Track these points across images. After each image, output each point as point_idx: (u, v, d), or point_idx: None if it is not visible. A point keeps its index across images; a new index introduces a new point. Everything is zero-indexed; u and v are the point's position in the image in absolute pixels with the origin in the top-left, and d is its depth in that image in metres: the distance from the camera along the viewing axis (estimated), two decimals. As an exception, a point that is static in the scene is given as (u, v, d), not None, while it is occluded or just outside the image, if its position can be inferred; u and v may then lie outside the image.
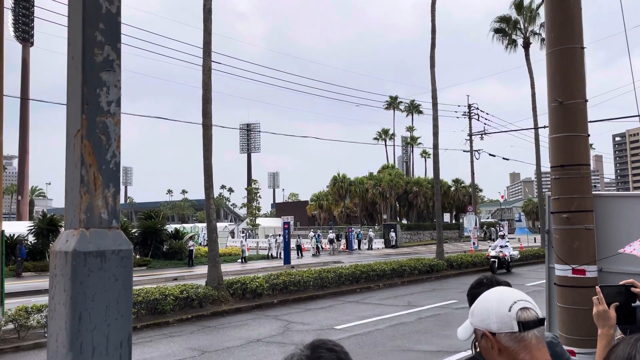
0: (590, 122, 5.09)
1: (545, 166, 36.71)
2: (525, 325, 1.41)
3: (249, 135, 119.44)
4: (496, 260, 22.36)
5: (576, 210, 4.66)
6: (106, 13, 1.44)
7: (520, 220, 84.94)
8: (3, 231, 11.42)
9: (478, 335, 1.53)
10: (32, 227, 29.25)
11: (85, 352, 1.32)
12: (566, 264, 4.72)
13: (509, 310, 1.44)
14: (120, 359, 1.38)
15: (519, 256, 24.56)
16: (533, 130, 33.70)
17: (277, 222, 61.70)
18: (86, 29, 1.41)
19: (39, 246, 28.31)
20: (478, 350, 2.23)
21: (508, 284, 2.12)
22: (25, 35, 67.25)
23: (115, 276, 1.39)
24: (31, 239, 28.77)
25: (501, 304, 1.46)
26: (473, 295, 2.15)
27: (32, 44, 68.85)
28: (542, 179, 38.33)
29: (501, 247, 22.90)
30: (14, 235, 26.73)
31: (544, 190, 40.00)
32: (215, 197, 15.91)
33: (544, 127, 30.28)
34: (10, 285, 17.98)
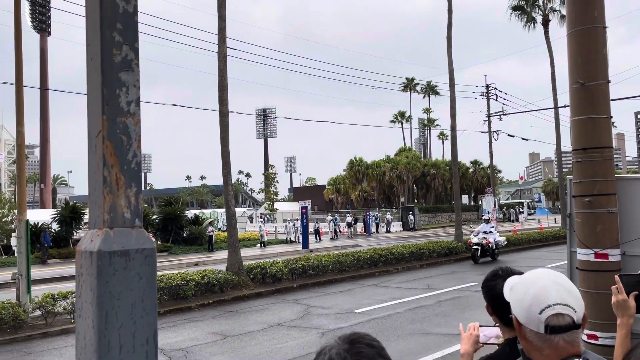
0: (612, 100, 4.98)
1: (566, 145, 36.14)
2: (553, 330, 1.33)
3: (265, 120, 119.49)
4: (479, 247, 19.80)
5: (598, 193, 4.59)
6: (123, 13, 1.44)
7: (540, 201, 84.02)
8: (28, 220, 11.66)
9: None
10: (56, 215, 29.84)
11: (112, 350, 1.35)
12: (588, 248, 4.66)
13: (540, 313, 1.35)
14: (147, 355, 1.40)
15: (505, 242, 21.63)
16: (553, 110, 33.12)
17: (294, 207, 61.98)
18: (104, 30, 1.41)
19: (62, 233, 28.90)
20: (502, 342, 2.21)
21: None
22: (42, 25, 67.88)
23: (140, 275, 1.41)
24: (55, 226, 29.36)
25: (534, 304, 1.36)
26: (489, 287, 2.11)
27: (49, 33, 69.50)
28: (563, 159, 37.75)
29: (485, 232, 20.22)
30: (38, 223, 27.31)
31: (564, 170, 39.37)
32: (233, 182, 16.02)
33: (564, 106, 29.73)
34: (35, 272, 18.42)
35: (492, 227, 20.76)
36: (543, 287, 1.38)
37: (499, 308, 2.05)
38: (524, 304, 1.38)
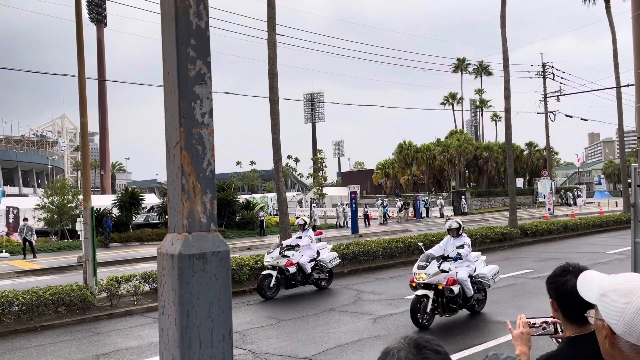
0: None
1: (629, 126, 34.32)
2: None
3: (312, 105, 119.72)
4: (272, 274, 12.04)
5: (666, 182, 4.40)
6: (196, 29, 1.52)
7: (600, 184, 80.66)
8: (93, 207, 12.29)
9: (596, 314, 1.42)
10: (116, 201, 31.23)
11: (193, 345, 1.46)
12: (654, 239, 4.49)
13: None
14: (224, 351, 1.51)
15: (337, 261, 13.31)
16: (615, 89, 31.53)
17: (343, 191, 62.11)
18: (179, 46, 1.50)
19: (122, 218, 30.26)
20: (560, 340, 2.19)
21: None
22: (98, 16, 70.34)
23: (216, 276, 1.51)
24: (115, 211, 30.76)
25: (639, 317, 1.28)
26: (559, 283, 2.07)
27: (105, 24, 71.98)
28: (625, 139, 35.98)
29: (288, 247, 12.48)
30: (100, 208, 28.68)
31: (626, 150, 37.48)
32: (282, 168, 16.25)
33: (627, 85, 28.26)
34: (99, 255, 19.37)
35: (300, 237, 12.87)
36: None
37: (567, 305, 2.01)
38: (626, 315, 1.30)
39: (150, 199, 42.29)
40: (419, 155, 64.16)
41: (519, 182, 58.63)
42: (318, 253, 12.96)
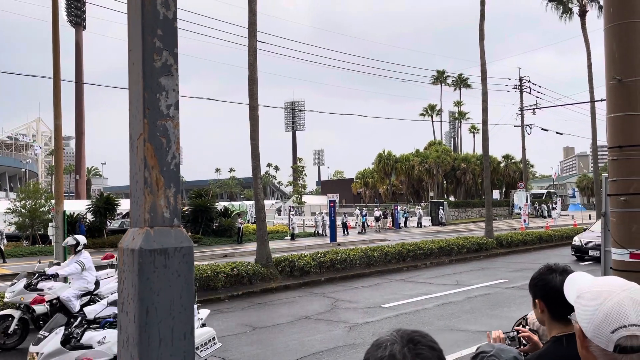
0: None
1: (602, 140, 35.18)
2: (623, 350, 1.24)
3: (293, 113, 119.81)
4: (14, 315, 8.39)
5: (635, 192, 4.49)
6: (163, 19, 1.49)
7: (574, 197, 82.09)
8: (65, 211, 12.04)
9: (574, 315, 1.40)
10: (91, 206, 30.65)
11: (152, 343, 1.41)
12: (624, 248, 4.57)
13: (612, 332, 1.24)
14: (184, 350, 1.46)
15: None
16: (589, 104, 32.27)
17: (322, 200, 62.15)
18: (145, 36, 1.46)
19: (97, 224, 29.69)
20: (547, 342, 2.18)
21: (569, 271, 1.99)
22: (77, 19, 69.36)
23: (178, 272, 1.47)
24: (89, 217, 30.18)
25: (607, 322, 1.25)
26: (545, 281, 2.05)
27: (84, 27, 71.01)
28: (599, 154, 36.76)
29: (42, 278, 8.80)
30: (73, 213, 28.14)
31: (600, 165, 38.35)
32: (261, 175, 16.17)
33: (601, 100, 28.96)
34: (72, 261, 18.98)
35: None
36: (618, 304, 1.26)
37: (554, 303, 2.00)
38: (595, 319, 1.28)
39: (126, 205, 41.54)
40: (398, 166, 64.64)
41: (496, 194, 59.38)
42: (97, 283, 9.05)
